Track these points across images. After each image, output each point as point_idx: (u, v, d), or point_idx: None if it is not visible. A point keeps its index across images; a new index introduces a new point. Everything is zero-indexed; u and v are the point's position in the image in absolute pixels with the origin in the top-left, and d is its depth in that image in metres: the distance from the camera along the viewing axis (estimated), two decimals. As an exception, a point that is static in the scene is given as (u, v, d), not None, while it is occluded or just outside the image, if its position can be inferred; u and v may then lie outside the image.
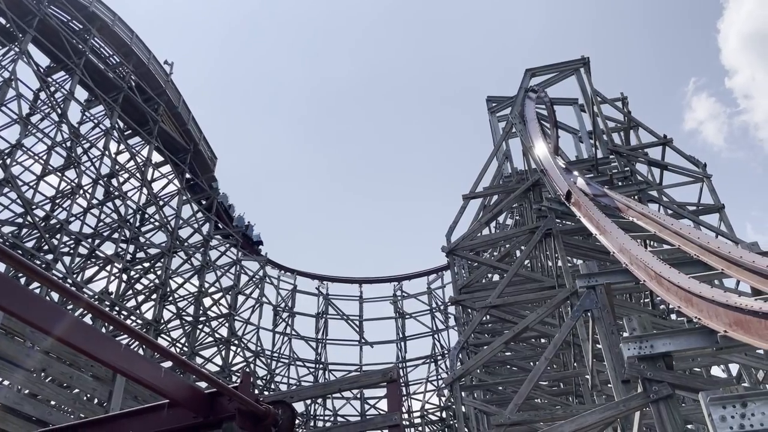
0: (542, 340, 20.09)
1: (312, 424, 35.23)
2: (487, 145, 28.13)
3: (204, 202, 34.45)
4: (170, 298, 29.54)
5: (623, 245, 10.92)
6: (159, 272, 28.93)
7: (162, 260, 28.92)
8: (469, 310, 19.05)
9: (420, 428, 38.08)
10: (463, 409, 16.66)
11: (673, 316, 16.59)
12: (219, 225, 34.80)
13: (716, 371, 16.70)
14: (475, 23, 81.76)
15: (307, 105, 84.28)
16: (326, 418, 36.71)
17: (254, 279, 37.28)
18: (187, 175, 32.95)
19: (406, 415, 36.38)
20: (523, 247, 19.00)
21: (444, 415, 37.23)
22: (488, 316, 17.83)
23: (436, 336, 39.75)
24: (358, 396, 36.91)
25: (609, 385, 12.63)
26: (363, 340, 39.98)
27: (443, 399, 37.20)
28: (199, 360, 30.19)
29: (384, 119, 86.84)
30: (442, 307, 39.99)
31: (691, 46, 76.96)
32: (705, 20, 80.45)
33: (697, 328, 7.90)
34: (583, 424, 8.60)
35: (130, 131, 30.47)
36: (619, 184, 18.41)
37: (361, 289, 41.68)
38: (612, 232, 11.75)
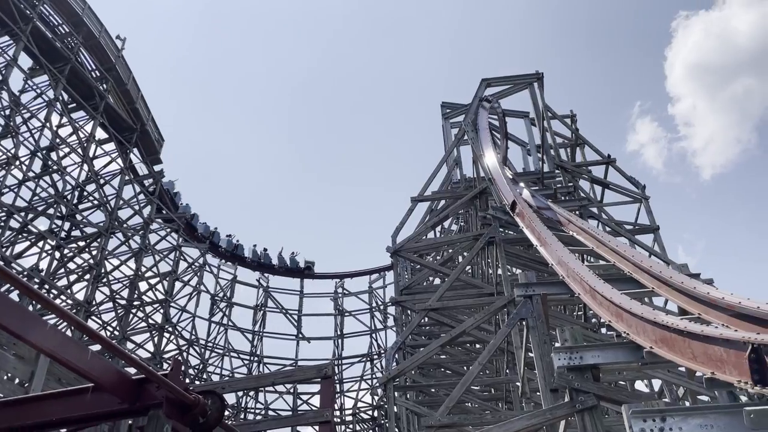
0: (477, 346, 20.44)
1: (242, 416, 34.76)
2: (438, 149, 28.44)
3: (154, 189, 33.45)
4: (104, 280, 28.61)
5: (562, 258, 11.22)
6: (94, 252, 27.96)
7: (98, 240, 27.97)
8: (409, 312, 19.21)
9: (351, 426, 38.11)
10: (396, 409, 16.78)
11: (604, 330, 17.17)
12: (161, 209, 33.94)
13: (640, 386, 17.37)
14: (436, 30, 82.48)
15: (262, 96, 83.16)
16: (257, 411, 36.31)
17: (194, 266, 36.50)
18: (132, 155, 31.99)
19: (337, 413, 36.35)
20: (465, 253, 19.30)
21: (376, 414, 37.37)
22: (427, 319, 18.02)
23: (373, 335, 39.88)
24: (291, 391, 36.65)
25: (538, 393, 12.96)
26: (300, 335, 39.73)
27: (376, 398, 37.34)
28: (130, 345, 29.34)
29: (339, 116, 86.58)
30: (382, 307, 40.15)
31: (640, 71, 79.89)
32: (654, 47, 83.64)
33: (625, 343, 8.19)
34: (510, 429, 8.79)
35: (74, 104, 29.32)
36: (563, 198, 18.91)
37: (302, 284, 41.40)
38: (552, 245, 12.06)
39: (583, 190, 21.43)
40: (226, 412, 5.30)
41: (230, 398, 32.26)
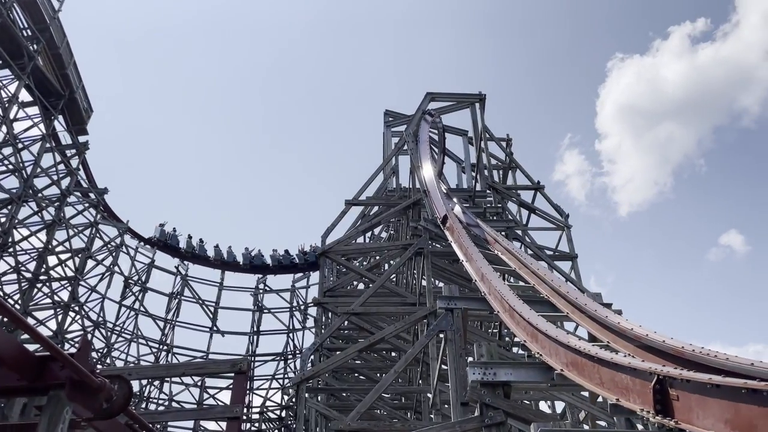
0: (393, 354, 20.56)
1: (144, 405, 33.51)
2: (376, 155, 28.58)
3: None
4: (10, 250, 26.96)
5: (485, 275, 11.46)
6: (3, 219, 26.33)
7: (9, 207, 26.36)
8: (330, 314, 19.10)
9: (257, 425, 37.46)
10: (305, 411, 16.62)
11: (515, 350, 17.67)
12: (81, 182, 32.39)
13: (542, 406, 17.95)
14: (385, 38, 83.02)
15: (204, 81, 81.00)
16: (160, 401, 35.09)
17: (110, 246, 34.98)
18: (57, 123, 30.37)
19: (245, 410, 35.63)
20: (393, 261, 19.42)
21: (284, 414, 36.92)
22: (347, 323, 17.97)
23: (291, 335, 39.43)
24: (199, 384, 35.66)
25: (447, 406, 13.17)
26: (215, 328, 38.77)
27: (286, 398, 36.92)
28: (31, 321, 27.72)
29: (281, 109, 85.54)
30: (302, 307, 39.79)
31: (575, 105, 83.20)
32: (589, 83, 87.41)
33: (537, 363, 8.45)
34: (419, 439, 8.86)
35: (0, 62, 27.58)
36: (491, 218, 19.37)
37: (223, 276, 40.45)
38: (477, 261, 12.31)
39: (511, 212, 22.01)
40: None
41: (133, 386, 30.98)
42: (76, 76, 31.52)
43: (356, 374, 21.95)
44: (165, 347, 36.98)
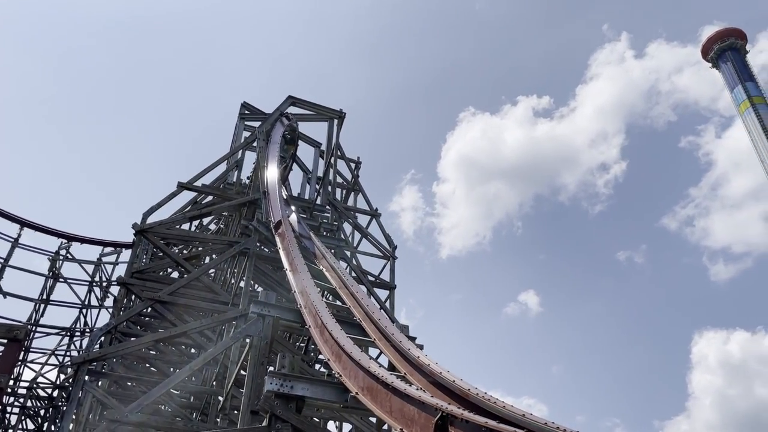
0: (193, 351, 19.74)
1: None
2: (221, 144, 27.63)
3: None
4: None
5: (306, 288, 11.47)
6: None
7: None
8: (134, 297, 17.89)
9: (21, 401, 33.71)
10: (81, 394, 15.29)
11: (318, 366, 17.83)
12: None
13: (331, 426, 18.23)
14: (263, 37, 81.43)
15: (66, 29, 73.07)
16: None
17: None
18: None
19: (11, 382, 31.94)
20: (215, 256, 18.76)
21: (56, 394, 33.65)
22: (150, 309, 16.95)
23: (84, 311, 36.27)
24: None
25: (237, 412, 12.86)
26: (-3, 287, 34.51)
27: (63, 377, 33.72)
28: None
29: (129, 76, 79.93)
30: (104, 284, 36.89)
31: (423, 145, 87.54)
32: (440, 128, 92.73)
33: (335, 383, 8.57)
34: (199, 441, 8.53)
35: None
36: (325, 233, 19.52)
37: (21, 232, 36.25)
38: (301, 273, 12.29)
39: (345, 232, 22.41)
40: None
41: None
42: None
43: (148, 365, 20.69)
44: (-72, 298, 32.14)
